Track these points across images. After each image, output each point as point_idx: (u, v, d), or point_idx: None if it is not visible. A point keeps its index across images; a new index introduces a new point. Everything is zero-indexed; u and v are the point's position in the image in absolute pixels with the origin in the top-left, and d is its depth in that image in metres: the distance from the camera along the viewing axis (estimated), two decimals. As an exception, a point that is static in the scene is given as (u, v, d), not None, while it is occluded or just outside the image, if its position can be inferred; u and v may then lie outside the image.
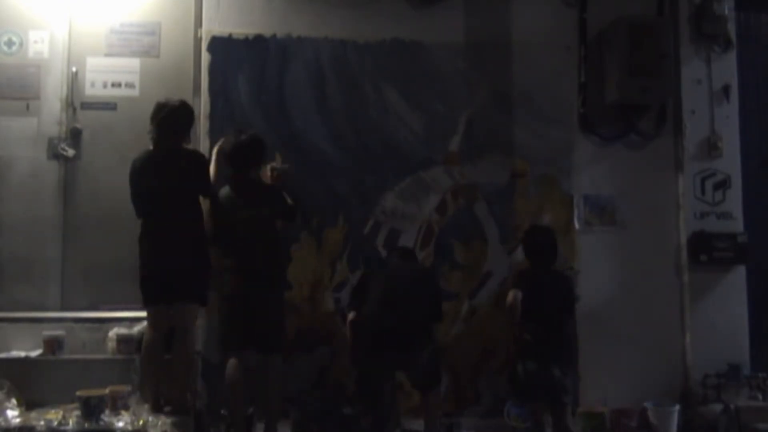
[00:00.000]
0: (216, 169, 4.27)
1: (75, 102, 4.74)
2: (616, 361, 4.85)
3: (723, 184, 5.09)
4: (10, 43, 4.74)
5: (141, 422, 3.74)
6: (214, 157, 4.33)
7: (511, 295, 4.18)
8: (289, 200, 4.31)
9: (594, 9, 5.08)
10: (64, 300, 4.65)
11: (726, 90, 5.15)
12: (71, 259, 4.68)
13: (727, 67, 5.18)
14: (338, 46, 4.86)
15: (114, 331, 4.36)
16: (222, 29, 4.78)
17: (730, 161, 5.12)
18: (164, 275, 3.96)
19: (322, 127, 4.82)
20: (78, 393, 3.85)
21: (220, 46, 4.76)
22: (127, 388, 4.01)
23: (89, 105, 4.78)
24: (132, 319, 4.42)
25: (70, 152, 4.69)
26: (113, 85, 4.81)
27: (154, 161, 4.01)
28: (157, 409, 3.88)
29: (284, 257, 4.45)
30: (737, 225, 5.07)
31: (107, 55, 4.81)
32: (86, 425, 3.73)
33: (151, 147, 4.05)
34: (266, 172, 4.40)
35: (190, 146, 4.26)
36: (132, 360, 4.21)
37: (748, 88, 5.31)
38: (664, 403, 4.73)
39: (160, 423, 3.75)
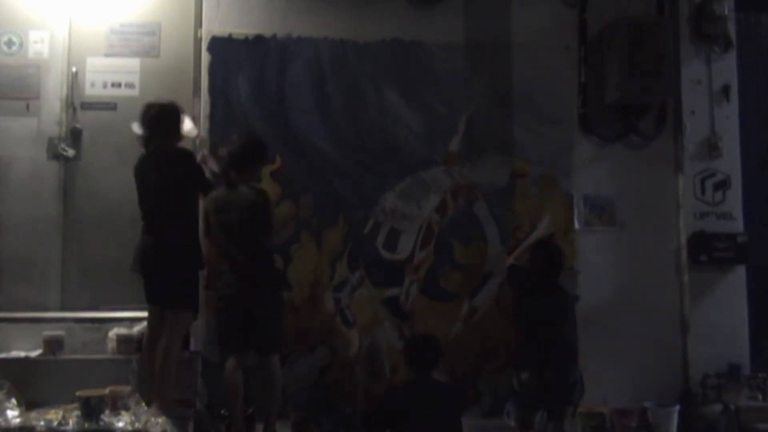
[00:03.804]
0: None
1: (75, 102, 4.74)
2: (616, 361, 4.85)
3: (723, 184, 5.09)
4: (10, 43, 4.74)
5: (141, 422, 3.74)
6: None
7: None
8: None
9: (594, 9, 5.07)
10: (64, 300, 4.65)
11: (726, 90, 5.15)
12: (71, 259, 4.68)
13: (727, 67, 5.18)
14: (338, 46, 4.86)
15: (114, 331, 4.37)
16: (222, 29, 4.78)
17: (730, 161, 5.12)
18: (151, 279, 3.96)
19: (322, 127, 4.82)
20: (78, 393, 3.84)
21: (220, 46, 4.76)
22: (127, 388, 4.02)
23: (89, 105, 4.78)
24: (132, 319, 4.43)
25: (70, 152, 4.69)
26: (113, 85, 4.81)
27: (145, 164, 4.00)
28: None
29: (273, 263, 4.36)
30: (737, 225, 5.06)
31: (107, 55, 4.81)
32: (86, 425, 3.73)
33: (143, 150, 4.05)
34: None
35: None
36: (131, 360, 4.23)
37: (748, 88, 5.31)
38: (664, 403, 4.73)
39: (160, 423, 3.75)
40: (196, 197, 4.05)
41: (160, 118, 3.97)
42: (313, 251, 4.73)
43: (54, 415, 3.81)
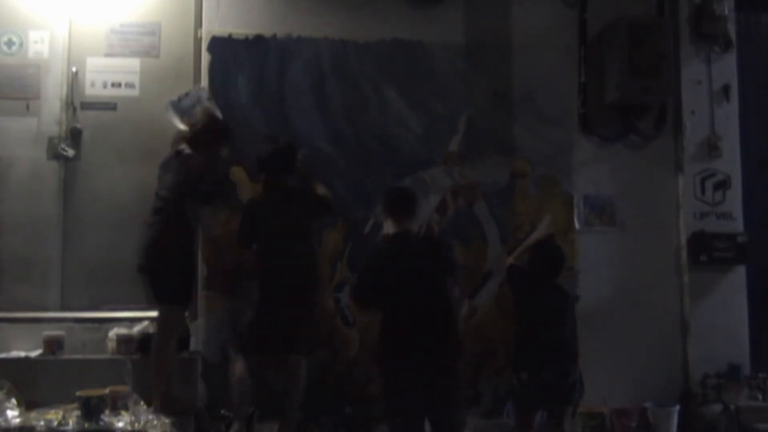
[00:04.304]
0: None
1: (75, 102, 4.74)
2: (616, 361, 4.84)
3: (723, 185, 5.09)
4: (10, 43, 4.74)
5: (141, 422, 3.75)
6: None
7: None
8: (321, 190, 4.42)
9: (594, 9, 5.07)
10: (64, 300, 4.65)
11: (726, 90, 5.15)
12: (71, 259, 4.68)
13: (727, 67, 5.18)
14: (338, 46, 4.86)
15: (114, 331, 4.37)
16: (222, 29, 4.78)
17: (730, 161, 5.12)
18: (142, 275, 4.06)
19: (322, 127, 4.82)
20: (78, 393, 3.85)
21: (220, 46, 4.76)
22: (127, 388, 4.02)
23: (89, 105, 4.78)
24: (132, 319, 4.43)
25: (70, 152, 4.69)
26: (113, 85, 4.80)
27: (167, 162, 4.14)
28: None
29: (317, 265, 4.38)
30: (737, 225, 5.06)
31: (107, 55, 4.81)
32: (86, 425, 3.74)
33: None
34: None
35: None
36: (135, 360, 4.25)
37: (748, 88, 5.31)
38: (664, 403, 4.73)
39: (160, 423, 3.75)
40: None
41: (196, 134, 4.17)
42: (313, 251, 4.72)
43: (54, 415, 3.82)
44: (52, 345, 4.32)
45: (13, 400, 3.87)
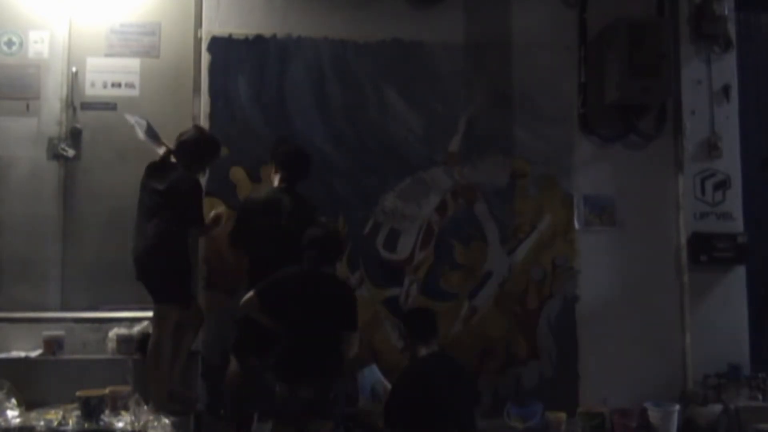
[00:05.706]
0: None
1: (75, 102, 4.74)
2: (616, 361, 4.85)
3: (723, 185, 5.09)
4: (10, 43, 4.74)
5: (141, 422, 3.75)
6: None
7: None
8: None
9: (594, 9, 5.07)
10: (64, 300, 4.65)
11: (726, 90, 5.15)
12: (71, 259, 4.68)
13: (727, 67, 5.18)
14: (338, 46, 4.86)
15: (114, 331, 4.37)
16: (222, 29, 4.78)
17: (730, 161, 5.11)
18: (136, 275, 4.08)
19: (322, 127, 4.82)
20: (78, 393, 3.87)
21: (220, 46, 4.76)
22: (127, 388, 4.03)
23: (89, 105, 4.78)
24: (132, 319, 4.43)
25: (70, 152, 4.70)
26: (113, 85, 4.81)
27: (157, 168, 4.16)
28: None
29: None
30: (737, 225, 5.06)
31: (107, 55, 4.82)
32: (86, 425, 3.75)
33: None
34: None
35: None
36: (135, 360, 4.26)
37: (748, 88, 5.31)
38: (664, 403, 4.73)
39: (160, 423, 3.75)
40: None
41: (187, 146, 4.19)
42: (313, 251, 4.72)
43: (54, 415, 3.83)
44: (52, 345, 4.32)
45: (13, 400, 3.87)
